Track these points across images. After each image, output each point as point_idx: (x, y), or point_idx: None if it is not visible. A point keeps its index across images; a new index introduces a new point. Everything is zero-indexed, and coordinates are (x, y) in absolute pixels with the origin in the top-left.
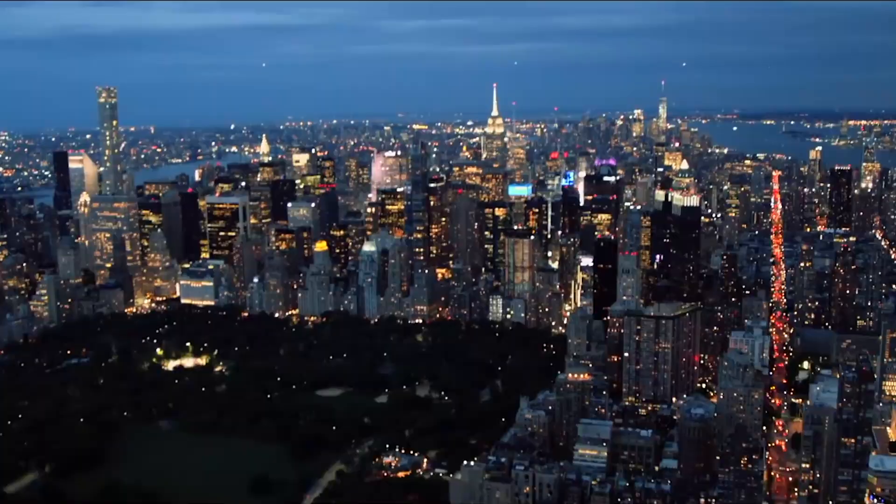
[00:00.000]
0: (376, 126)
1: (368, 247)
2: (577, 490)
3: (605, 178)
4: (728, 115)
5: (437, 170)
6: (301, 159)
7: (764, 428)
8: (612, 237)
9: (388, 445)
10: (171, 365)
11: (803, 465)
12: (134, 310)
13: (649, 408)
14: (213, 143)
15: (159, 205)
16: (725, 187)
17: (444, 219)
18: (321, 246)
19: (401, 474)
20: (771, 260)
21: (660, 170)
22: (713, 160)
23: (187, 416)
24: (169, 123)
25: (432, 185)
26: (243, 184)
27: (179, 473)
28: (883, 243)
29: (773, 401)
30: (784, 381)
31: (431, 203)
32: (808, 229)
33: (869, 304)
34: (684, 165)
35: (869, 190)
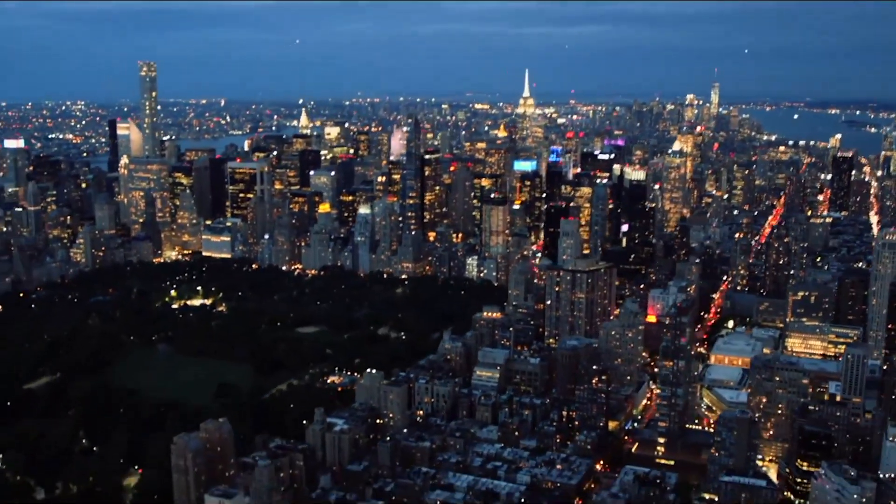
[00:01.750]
0: (434, 104)
1: (364, 209)
2: (467, 401)
3: (601, 157)
4: (795, 103)
5: (452, 145)
6: (332, 132)
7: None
8: (564, 205)
9: (336, 368)
10: (180, 304)
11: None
12: (161, 260)
13: None
14: (275, 117)
15: (191, 168)
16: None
17: (437, 187)
18: (324, 208)
19: (340, 389)
20: (756, 237)
21: (669, 151)
22: (753, 146)
23: (181, 342)
24: (240, 97)
25: (427, 157)
26: (275, 153)
27: (162, 382)
28: (875, 226)
29: None
30: (705, 336)
31: (426, 173)
32: (809, 212)
33: (792, 272)
34: (687, 148)
35: (865, 178)
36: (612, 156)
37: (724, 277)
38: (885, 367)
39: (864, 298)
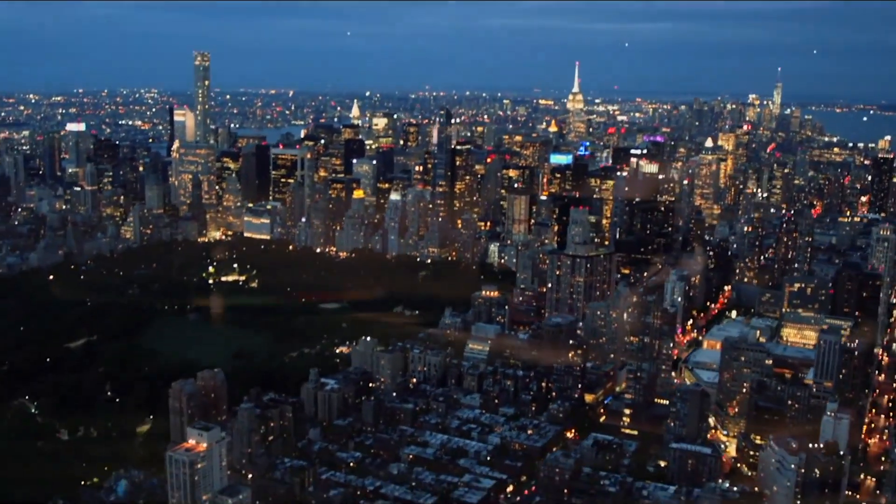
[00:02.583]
0: (496, 99)
1: (395, 196)
2: (456, 371)
3: (633, 152)
4: (868, 106)
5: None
6: (379, 123)
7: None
8: (577, 195)
9: (347, 340)
10: (216, 280)
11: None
12: (205, 239)
13: None
14: (339, 108)
15: (238, 154)
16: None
17: (468, 177)
18: (359, 194)
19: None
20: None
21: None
22: (810, 147)
23: (210, 313)
24: (309, 88)
25: (459, 147)
26: (322, 141)
27: (186, 346)
28: None
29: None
30: (704, 323)
31: (457, 163)
32: (848, 213)
33: (797, 266)
34: (728, 146)
35: None
36: (645, 151)
37: (737, 270)
38: (845, 353)
39: (858, 291)
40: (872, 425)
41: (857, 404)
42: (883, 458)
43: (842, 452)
